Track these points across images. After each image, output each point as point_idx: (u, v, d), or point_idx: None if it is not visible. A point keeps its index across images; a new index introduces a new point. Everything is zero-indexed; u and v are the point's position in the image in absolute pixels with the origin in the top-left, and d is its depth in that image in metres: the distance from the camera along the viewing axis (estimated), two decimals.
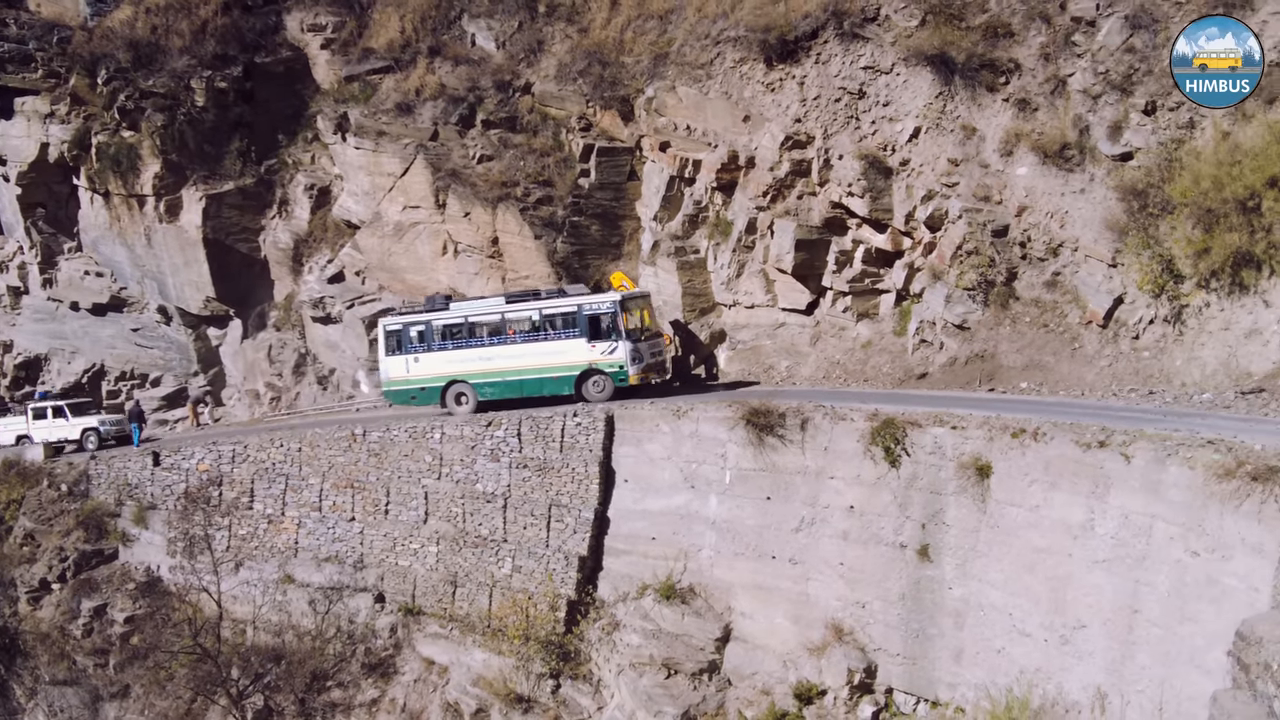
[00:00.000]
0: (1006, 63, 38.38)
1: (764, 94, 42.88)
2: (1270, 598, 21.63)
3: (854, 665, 31.48)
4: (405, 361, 42.78)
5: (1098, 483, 26.24)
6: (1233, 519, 22.80)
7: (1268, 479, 22.34)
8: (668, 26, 46.56)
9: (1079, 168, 36.45)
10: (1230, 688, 21.60)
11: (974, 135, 38.59)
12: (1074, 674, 26.28)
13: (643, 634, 34.81)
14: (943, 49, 38.73)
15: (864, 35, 40.67)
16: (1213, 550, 23.29)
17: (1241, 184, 32.03)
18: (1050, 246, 36.73)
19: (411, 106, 50.11)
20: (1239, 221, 32.21)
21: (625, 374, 39.42)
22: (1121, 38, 36.18)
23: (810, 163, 41.88)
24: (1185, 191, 33.11)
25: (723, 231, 44.59)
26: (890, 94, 40.35)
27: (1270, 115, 33.07)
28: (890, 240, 40.53)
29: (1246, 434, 25.34)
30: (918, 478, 30.71)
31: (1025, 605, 27.78)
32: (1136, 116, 35.56)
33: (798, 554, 33.30)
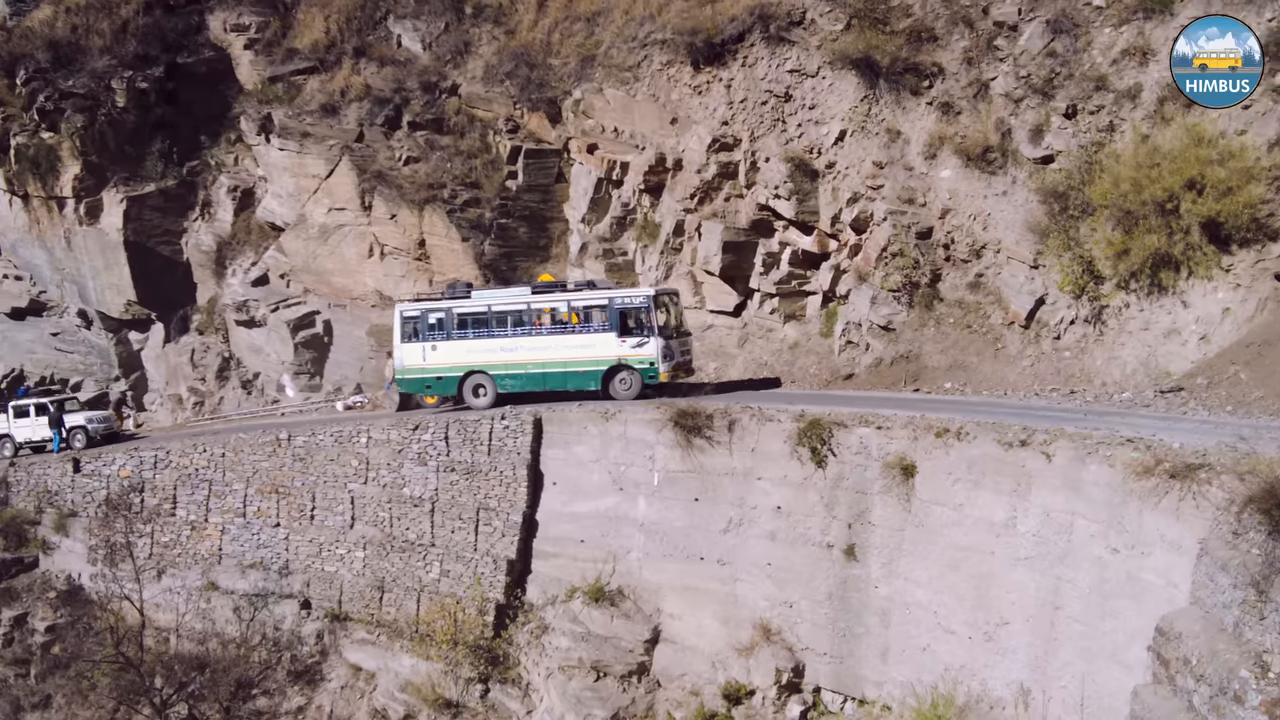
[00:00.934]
0: (930, 67, 38.86)
1: (691, 97, 43.07)
2: (1189, 594, 22.00)
3: (782, 665, 31.66)
4: (422, 349, 40.73)
5: (1020, 481, 26.59)
6: (1152, 516, 23.20)
7: (1186, 477, 22.75)
8: (595, 29, 46.64)
9: (1001, 170, 37.01)
10: (1151, 683, 21.97)
11: (898, 138, 39.02)
12: (998, 670, 26.61)
13: (572, 637, 34.75)
14: (868, 53, 39.10)
15: (790, 39, 40.98)
16: (1132, 547, 23.68)
17: (1160, 186, 32.67)
18: (973, 248, 37.25)
19: (336, 107, 49.81)
20: (1158, 223, 32.87)
21: (656, 371, 37.78)
22: (1043, 42, 36.77)
23: (737, 165, 42.15)
24: (1105, 194, 33.75)
25: (650, 234, 44.74)
26: (816, 97, 40.68)
27: (1189, 118, 33.76)
28: (817, 242, 40.87)
29: (1165, 432, 25.78)
30: (844, 478, 30.91)
31: (950, 603, 28.07)
32: (1057, 120, 36.18)
33: (726, 555, 33.40)
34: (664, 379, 37.80)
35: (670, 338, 38.22)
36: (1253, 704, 19.12)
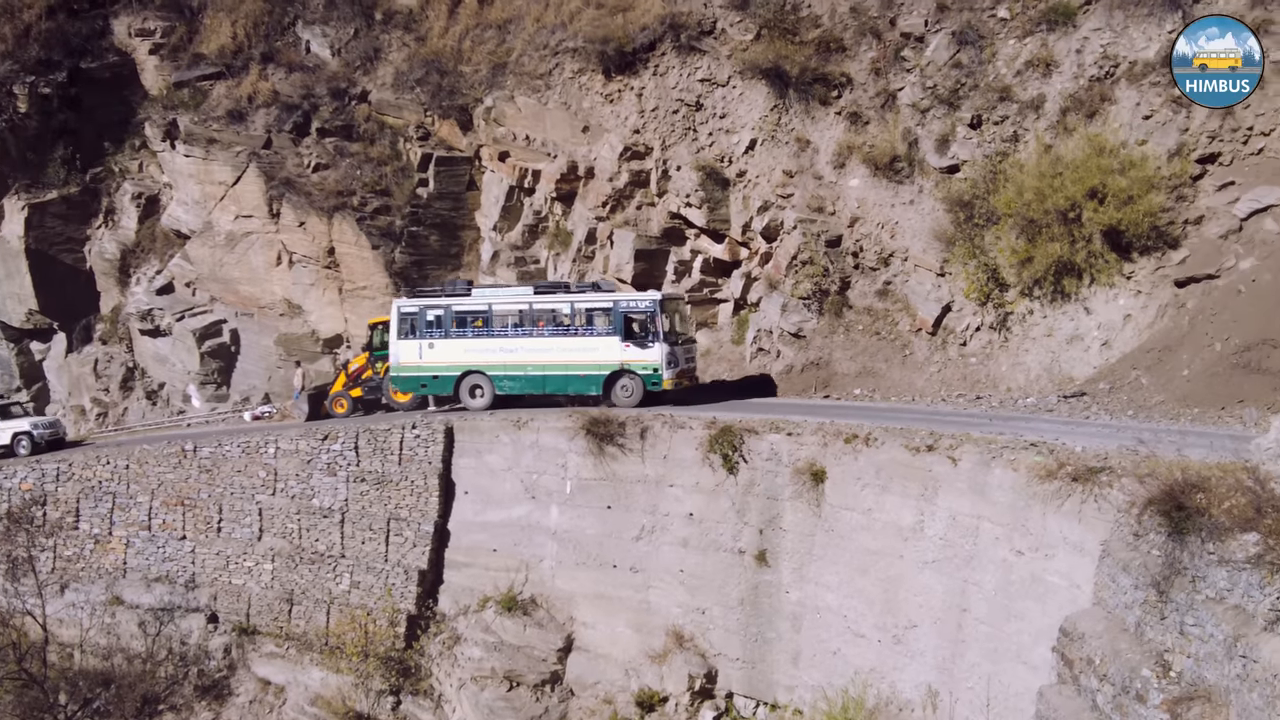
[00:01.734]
0: (839, 77, 39.31)
1: (603, 105, 43.17)
2: (1092, 594, 22.41)
3: (695, 671, 31.78)
4: (419, 346, 39.57)
5: (927, 486, 26.94)
6: (1055, 519, 23.62)
7: (1088, 480, 23.20)
8: (506, 36, 46.56)
9: (908, 180, 37.56)
10: (1055, 683, 22.33)
11: (808, 147, 39.43)
12: (907, 673, 26.90)
13: (484, 647, 34.60)
14: (777, 63, 39.48)
15: (701, 48, 41.26)
16: (1036, 549, 24.08)
17: (1063, 195, 33.41)
18: (881, 256, 37.75)
19: (244, 114, 49.25)
20: (1060, 231, 33.60)
21: (659, 377, 36.69)
22: (949, 53, 37.38)
23: (649, 173, 42.29)
24: (1009, 203, 34.44)
25: (563, 241, 44.73)
26: (727, 106, 40.98)
27: (1090, 128, 34.51)
28: (728, 250, 41.15)
29: (1068, 436, 26.28)
30: (755, 484, 31.12)
31: (859, 607, 28.34)
32: (963, 130, 36.80)
33: (639, 562, 33.45)
34: (667, 386, 36.99)
35: (675, 344, 37.31)
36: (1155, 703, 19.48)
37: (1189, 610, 19.45)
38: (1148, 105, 34.04)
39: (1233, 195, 32.42)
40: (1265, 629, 17.43)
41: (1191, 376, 30.14)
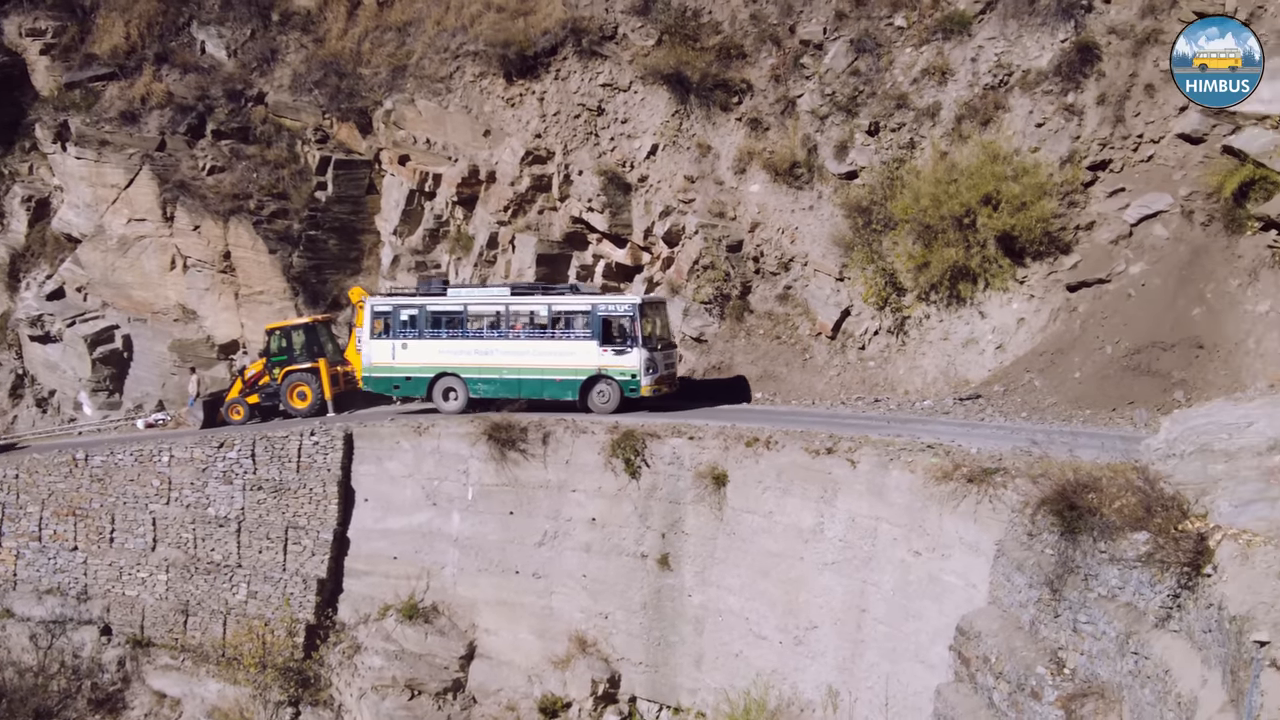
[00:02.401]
0: (739, 83, 39.62)
1: (504, 109, 43.06)
2: (987, 593, 22.80)
3: (598, 676, 31.82)
4: (392, 347, 38.44)
5: (827, 488, 27.25)
6: (951, 519, 24.00)
7: (983, 481, 23.61)
8: (406, 39, 46.24)
9: (808, 185, 37.99)
10: (952, 681, 22.66)
11: (709, 153, 39.68)
12: (808, 674, 27.18)
13: (385, 655, 34.32)
14: (678, 68, 39.66)
15: (602, 53, 41.30)
16: (933, 549, 24.45)
17: (958, 201, 34.04)
18: (782, 261, 38.12)
19: (137, 115, 48.32)
20: (955, 237, 34.21)
21: (637, 383, 35.45)
22: (847, 61, 37.85)
23: (551, 178, 42.24)
24: (906, 209, 34.99)
25: (464, 246, 44.51)
26: (629, 111, 41.09)
27: (985, 136, 35.16)
28: (630, 255, 41.26)
29: (964, 438, 26.75)
30: (657, 488, 31.24)
31: (761, 609, 28.58)
32: (861, 137, 37.33)
33: (541, 568, 33.39)
34: (645, 392, 35.79)
35: (654, 349, 36.09)
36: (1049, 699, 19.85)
37: (1082, 608, 19.85)
38: (1040, 113, 34.81)
39: (1123, 201, 33.25)
40: (1156, 626, 17.82)
41: (1083, 379, 30.83)
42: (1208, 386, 28.43)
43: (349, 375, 40.50)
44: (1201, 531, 17.49)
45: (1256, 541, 16.27)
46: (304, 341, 41.08)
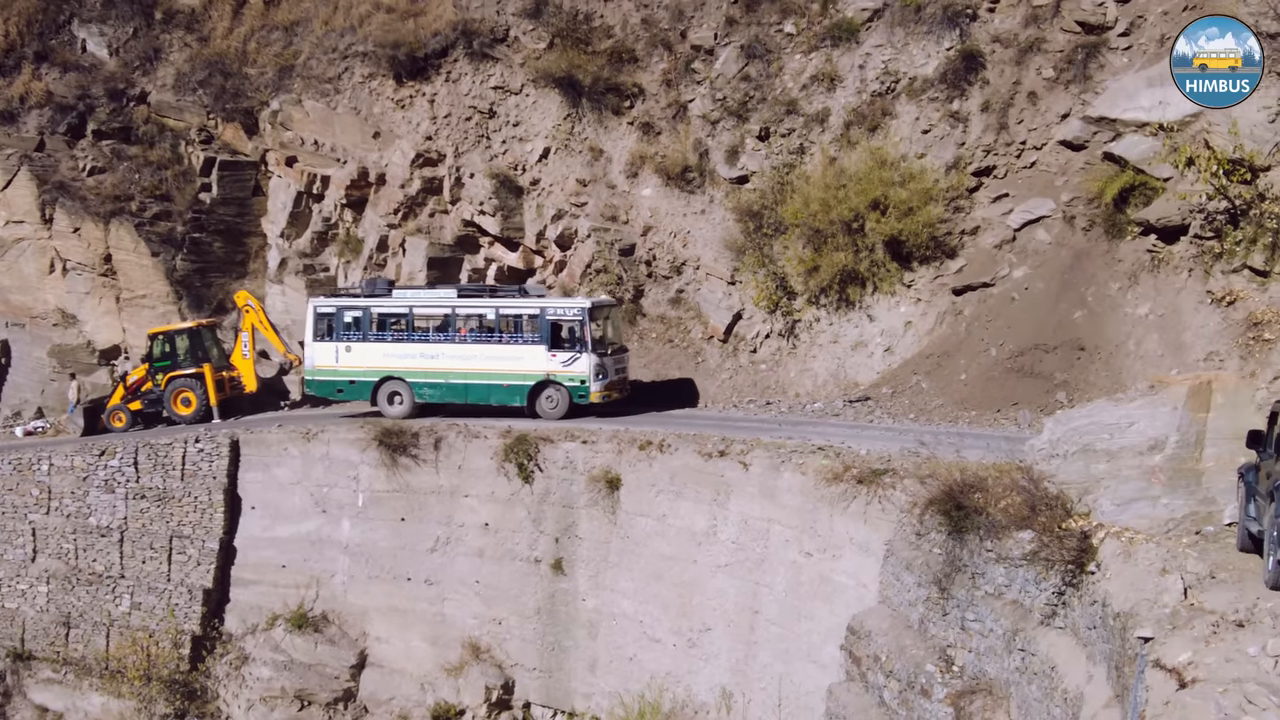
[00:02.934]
0: (631, 87, 39.70)
1: (394, 110, 42.69)
2: (877, 593, 23.15)
3: (492, 682, 31.74)
4: (335, 349, 36.97)
5: (719, 490, 27.48)
6: (842, 520, 24.33)
7: (872, 481, 23.99)
8: (293, 39, 45.58)
9: (700, 190, 38.23)
10: (844, 680, 22.97)
11: (601, 156, 39.73)
12: (702, 676, 27.36)
13: (274, 666, 33.91)
14: (570, 72, 39.60)
15: (494, 55, 41.12)
16: (825, 550, 24.76)
17: (847, 206, 34.52)
18: (674, 265, 38.32)
19: (15, 115, 47.04)
20: (845, 241, 34.69)
21: (586, 389, 34.28)
22: (738, 66, 38.16)
23: (442, 180, 41.95)
24: (796, 213, 35.39)
25: (353, 249, 44.04)
26: (520, 114, 40.97)
27: (873, 142, 35.68)
28: (522, 258, 41.13)
29: (854, 440, 27.16)
30: (551, 492, 31.24)
31: (655, 612, 28.71)
32: (752, 142, 37.66)
33: (433, 574, 33.21)
34: (595, 399, 34.58)
35: (604, 354, 34.92)
36: (939, 697, 20.20)
37: (969, 606, 20.24)
38: (926, 120, 35.41)
39: (1007, 207, 33.96)
40: (1041, 623, 18.24)
41: (969, 380, 31.41)
42: (1089, 387, 29.08)
43: (235, 381, 39.86)
44: (1085, 530, 17.93)
45: (1138, 539, 16.72)
46: (188, 346, 40.30)
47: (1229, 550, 15.88)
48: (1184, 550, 15.86)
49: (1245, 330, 29.49)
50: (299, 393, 41.33)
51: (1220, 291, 29.93)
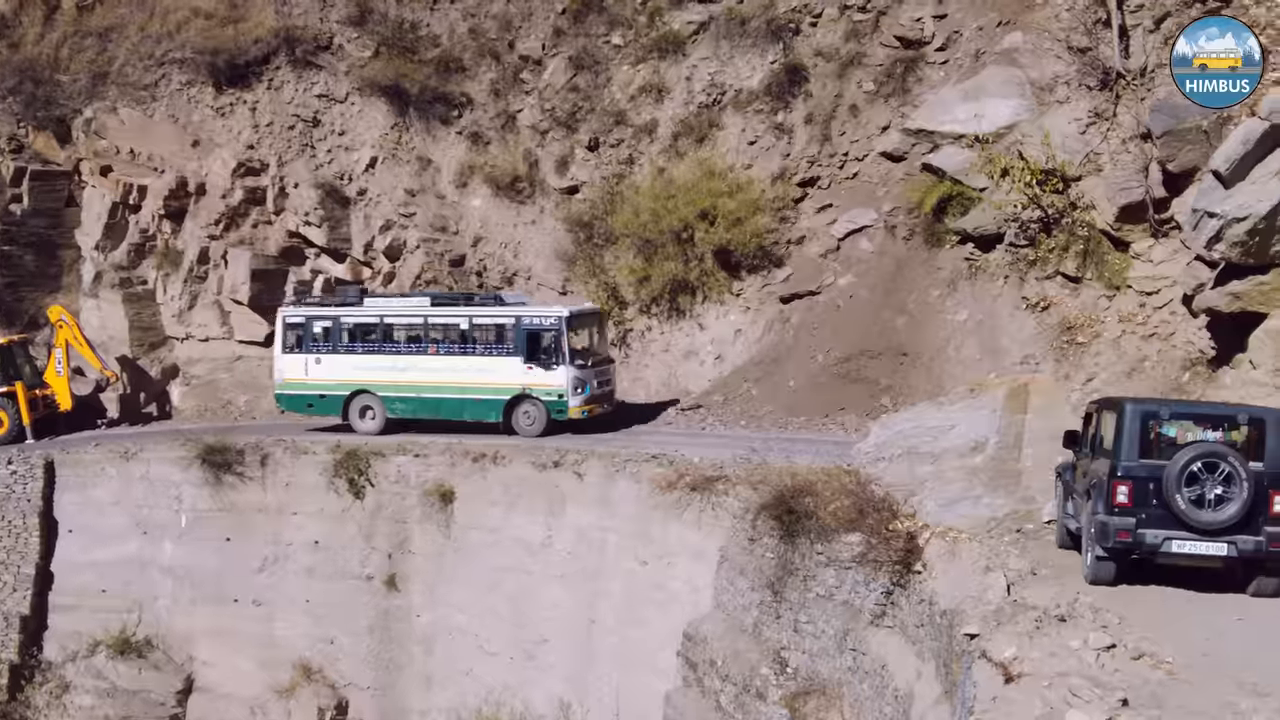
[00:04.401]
0: (459, 96, 39.51)
1: (214, 118, 41.71)
2: (712, 599, 23.44)
3: (324, 703, 31.16)
4: (305, 361, 34.52)
5: (554, 501, 27.52)
6: (676, 527, 24.60)
7: (705, 488, 24.31)
8: (108, 45, 44.15)
9: (530, 200, 38.27)
10: (681, 686, 23.22)
11: (430, 166, 39.45)
12: (539, 687, 27.34)
13: (96, 694, 32.71)
14: (397, 80, 39.25)
15: (317, 63, 40.50)
16: (660, 558, 24.99)
17: (676, 216, 34.91)
18: (506, 275, 38.26)
19: None
20: (675, 251, 35.08)
21: (564, 404, 31.53)
22: (566, 77, 38.29)
23: (265, 190, 41.10)
24: (627, 223, 35.69)
25: (173, 261, 42.83)
26: (346, 123, 40.41)
27: (700, 153, 36.14)
28: (350, 270, 40.54)
29: (687, 448, 27.43)
30: (383, 508, 30.81)
31: (491, 625, 28.59)
32: (581, 152, 37.83)
33: (261, 594, 32.44)
34: (574, 414, 31.96)
35: (585, 366, 32.35)
36: (774, 699, 20.56)
37: (802, 608, 20.66)
38: (753, 131, 36.01)
39: (831, 217, 34.73)
40: (872, 623, 18.71)
41: (797, 387, 32.02)
42: (912, 392, 29.86)
43: (49, 399, 38.41)
44: (911, 531, 18.46)
45: (962, 538, 17.28)
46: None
47: (1049, 547, 16.50)
48: (1006, 548, 16.42)
49: (1059, 334, 30.66)
50: (116, 410, 40.03)
51: (1035, 297, 31.07)
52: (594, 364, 32.89)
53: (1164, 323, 29.98)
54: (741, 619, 22.16)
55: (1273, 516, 14.21)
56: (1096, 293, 30.74)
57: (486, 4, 40.11)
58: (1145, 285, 30.22)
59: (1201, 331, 28.56)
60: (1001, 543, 16.71)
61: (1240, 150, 26.99)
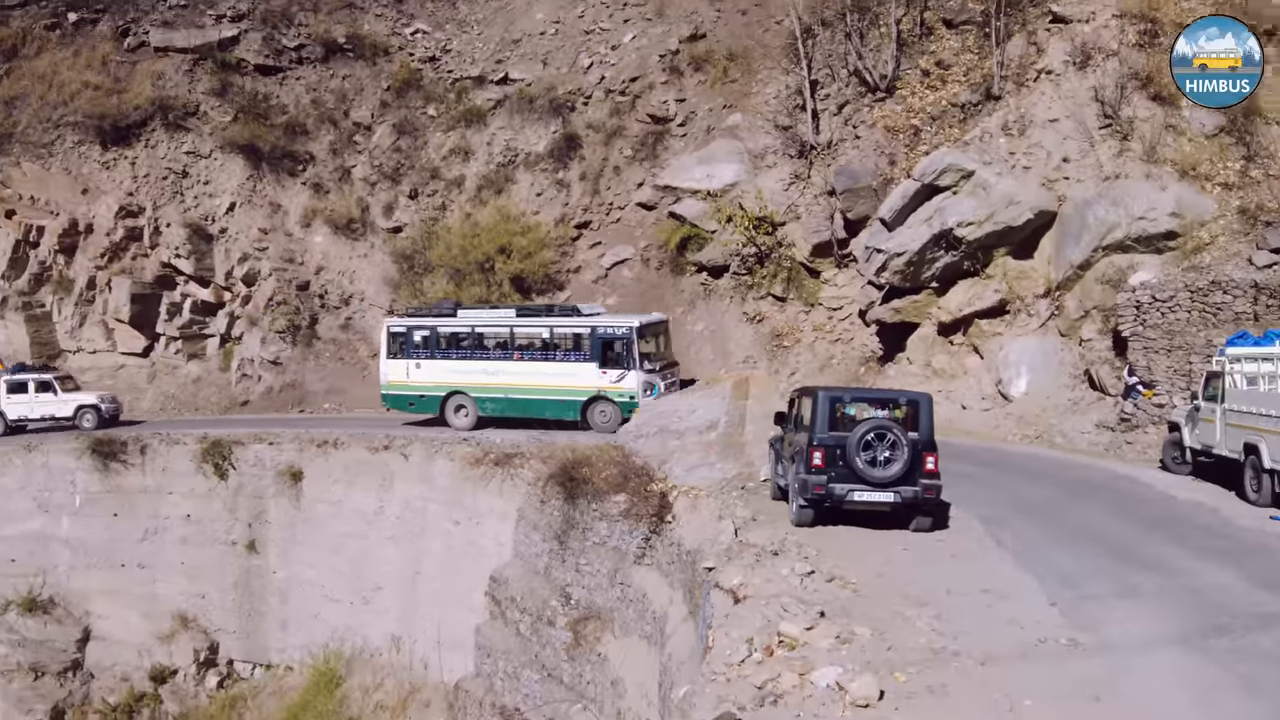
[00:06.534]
0: (304, 154, 38.33)
1: (101, 170, 39.32)
2: (513, 550, 23.26)
3: (199, 646, 29.87)
4: (407, 366, 31.09)
5: (385, 477, 26.93)
6: (484, 495, 24.37)
7: (506, 463, 24.14)
8: (14, 111, 41.10)
9: (363, 237, 37.39)
10: (489, 619, 22.98)
11: (280, 210, 38.16)
12: (375, 626, 26.72)
13: (9, 644, 30.55)
14: (252, 140, 37.80)
15: (186, 126, 38.67)
16: (471, 519, 24.71)
17: (481, 251, 34.67)
18: (343, 297, 37.25)
19: None
20: (480, 278, 34.81)
21: (635, 405, 28.06)
22: (391, 140, 37.62)
23: (143, 229, 38.98)
24: (441, 256, 35.26)
25: (66, 288, 40.19)
26: (210, 174, 38.70)
27: (499, 201, 36.02)
28: (213, 294, 38.81)
29: (489, 433, 27.25)
30: (243, 486, 29.58)
31: (335, 578, 27.81)
32: (404, 200, 37.25)
33: (145, 560, 30.76)
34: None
35: (653, 370, 29.01)
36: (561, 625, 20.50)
37: (582, 554, 20.65)
38: (539, 185, 36.07)
39: (601, 251, 35.05)
40: (635, 563, 18.81)
41: None
42: None
43: None
44: (663, 490, 18.62)
45: (701, 495, 17.49)
46: None
47: (765, 500, 16.83)
48: (734, 502, 16.65)
49: (770, 340, 31.58)
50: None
51: (753, 312, 31.96)
52: (661, 368, 29.58)
53: (846, 331, 31.24)
54: (535, 564, 22.05)
55: (926, 472, 14.80)
56: (797, 309, 31.89)
57: (326, 80, 39.00)
58: (832, 303, 31.52)
59: (873, 337, 29.87)
60: (730, 497, 16.93)
61: (900, 203, 28.30)
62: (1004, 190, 26.92)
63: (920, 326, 28.51)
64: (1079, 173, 26.84)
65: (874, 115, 31.83)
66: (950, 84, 30.82)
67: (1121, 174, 26.16)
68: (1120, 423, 23.55)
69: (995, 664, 10.01)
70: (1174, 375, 22.85)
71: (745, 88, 34.70)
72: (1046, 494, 17.98)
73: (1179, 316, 22.99)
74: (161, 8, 40.12)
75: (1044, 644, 10.64)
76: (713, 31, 36.17)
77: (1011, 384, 26.20)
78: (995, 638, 10.74)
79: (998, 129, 28.25)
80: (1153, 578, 13.01)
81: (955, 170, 27.42)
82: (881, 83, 31.93)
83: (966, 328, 27.73)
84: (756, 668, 9.78)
